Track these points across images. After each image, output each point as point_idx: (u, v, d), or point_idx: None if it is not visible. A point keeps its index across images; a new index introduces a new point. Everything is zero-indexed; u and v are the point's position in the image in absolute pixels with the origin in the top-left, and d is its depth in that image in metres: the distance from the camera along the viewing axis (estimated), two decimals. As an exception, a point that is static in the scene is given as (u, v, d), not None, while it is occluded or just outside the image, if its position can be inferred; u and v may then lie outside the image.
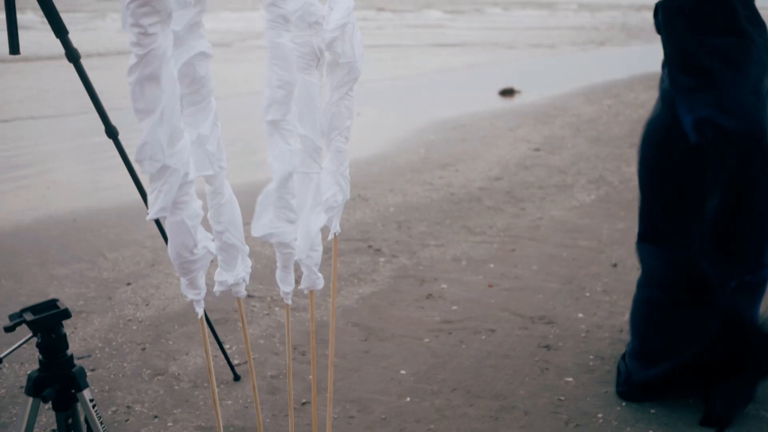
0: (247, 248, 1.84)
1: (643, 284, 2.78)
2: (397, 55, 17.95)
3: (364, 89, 10.60)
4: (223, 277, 1.81)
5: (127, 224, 4.83)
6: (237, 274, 1.82)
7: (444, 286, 3.86)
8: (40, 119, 8.58)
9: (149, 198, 1.55)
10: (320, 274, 2.02)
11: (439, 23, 34.55)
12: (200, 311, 1.74)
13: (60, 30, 2.43)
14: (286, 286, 1.95)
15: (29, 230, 4.80)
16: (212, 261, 1.78)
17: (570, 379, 2.89)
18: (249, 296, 3.68)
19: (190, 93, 1.62)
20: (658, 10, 2.39)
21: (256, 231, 1.85)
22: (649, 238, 2.71)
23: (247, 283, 1.86)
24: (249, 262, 1.86)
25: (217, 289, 1.83)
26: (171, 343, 3.23)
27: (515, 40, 25.64)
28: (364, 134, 7.88)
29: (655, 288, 2.72)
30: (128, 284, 3.88)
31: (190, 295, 1.70)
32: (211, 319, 3.26)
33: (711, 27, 2.24)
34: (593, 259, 4.24)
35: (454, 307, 3.58)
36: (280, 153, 1.79)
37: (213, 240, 1.78)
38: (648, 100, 10.49)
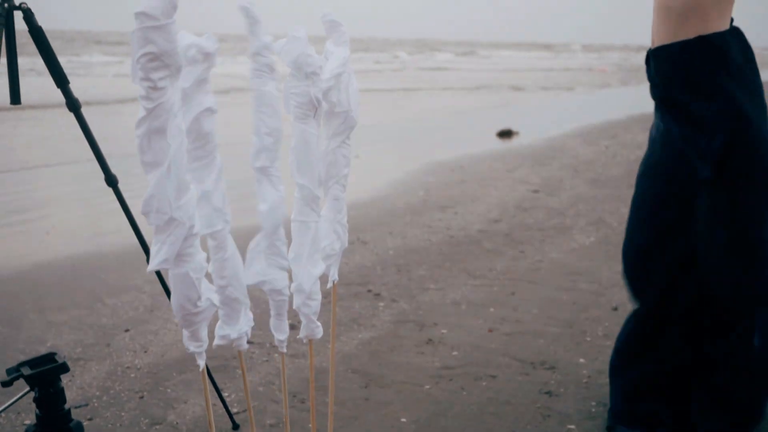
0: (248, 302, 1.84)
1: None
2: (395, 98, 18.10)
3: (362, 131, 10.66)
4: (225, 331, 1.81)
5: (126, 269, 4.82)
6: (240, 328, 1.81)
7: (444, 330, 3.83)
8: (41, 166, 8.61)
9: (152, 249, 1.55)
10: (319, 323, 2.01)
11: (442, 65, 34.88)
12: (202, 363, 1.73)
13: (61, 80, 2.45)
14: (280, 334, 1.94)
15: (28, 275, 4.79)
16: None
17: (572, 426, 2.86)
18: (248, 342, 3.65)
19: (195, 148, 1.63)
20: (649, 58, 2.40)
21: (248, 278, 1.85)
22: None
23: (249, 336, 1.85)
24: (251, 316, 1.86)
25: (217, 343, 1.82)
26: (169, 391, 3.20)
27: (519, 82, 25.86)
28: (363, 176, 7.91)
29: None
30: (127, 330, 3.86)
31: (192, 347, 1.70)
32: (210, 366, 3.24)
33: (701, 83, 2.25)
34: (594, 303, 4.22)
35: (455, 353, 3.56)
36: (270, 200, 1.80)
37: (216, 294, 1.77)
38: (645, 140, 10.53)
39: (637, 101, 15.51)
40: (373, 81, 22.47)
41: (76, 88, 2.52)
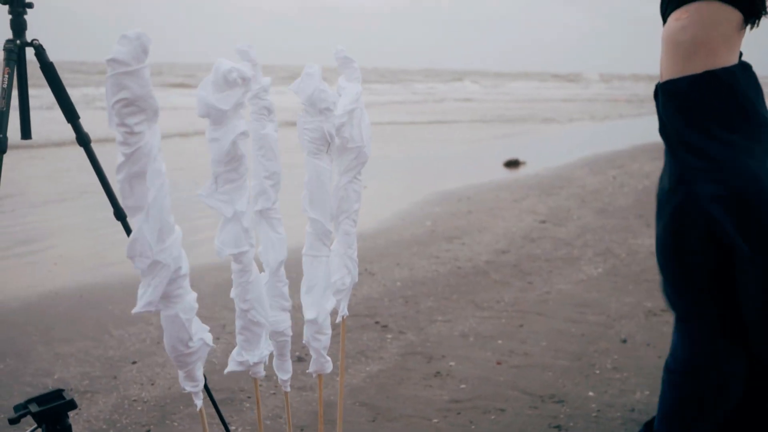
0: (269, 327, 1.84)
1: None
2: (404, 131, 18.18)
3: (370, 162, 10.69)
4: (244, 357, 1.80)
5: (133, 301, 4.77)
6: (260, 353, 1.81)
7: (452, 363, 3.81)
8: (50, 198, 8.65)
9: (139, 291, 1.56)
10: (329, 358, 2.01)
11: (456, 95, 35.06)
12: (199, 403, 1.72)
13: (71, 115, 2.47)
14: (283, 374, 1.94)
15: (35, 306, 4.79)
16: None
17: (582, 461, 2.83)
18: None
19: (227, 171, 1.65)
20: (658, 92, 2.40)
21: None
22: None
23: (266, 363, 1.85)
24: (270, 342, 1.86)
25: (233, 369, 1.81)
26: (176, 424, 3.18)
27: (526, 112, 25.95)
28: (371, 207, 7.92)
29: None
30: (134, 363, 3.85)
31: (188, 387, 1.69)
32: (216, 399, 3.22)
33: (711, 118, 2.24)
34: (602, 335, 4.20)
35: (463, 386, 3.53)
36: (270, 242, 1.81)
37: (236, 318, 1.77)
38: (652, 170, 10.55)
39: (647, 131, 15.56)
40: (382, 114, 22.62)
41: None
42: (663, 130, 2.39)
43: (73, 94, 2.60)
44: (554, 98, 37.56)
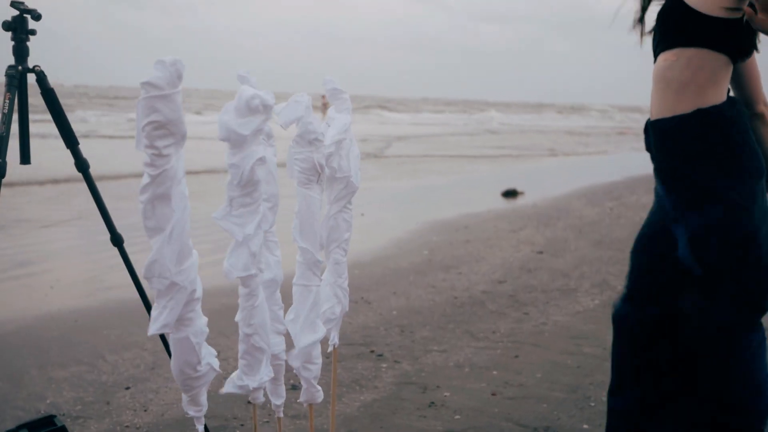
0: (270, 353, 1.84)
1: None
2: (399, 162, 18.26)
3: (368, 191, 10.73)
4: (244, 381, 1.80)
5: (129, 325, 4.81)
6: (261, 378, 1.81)
7: (447, 393, 3.80)
8: (47, 222, 8.66)
9: (153, 312, 1.56)
10: (319, 387, 2.01)
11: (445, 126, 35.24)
12: (201, 428, 1.72)
13: (71, 140, 2.49)
14: (276, 399, 1.94)
15: (30, 330, 4.78)
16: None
17: (575, 495, 2.81)
18: (248, 402, 3.62)
19: (242, 195, 1.66)
20: (648, 129, 2.44)
21: None
22: None
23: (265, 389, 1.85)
24: (271, 368, 1.86)
25: (230, 391, 1.81)
26: (168, 451, 3.17)
27: (526, 142, 26.07)
28: (368, 235, 7.93)
29: None
30: (127, 388, 3.83)
31: (192, 411, 1.69)
32: (209, 426, 3.21)
33: (701, 155, 2.28)
34: (598, 367, 4.19)
35: (457, 417, 3.52)
36: (267, 264, 1.82)
37: (239, 342, 1.77)
38: (649, 202, 10.56)
39: (645, 162, 15.59)
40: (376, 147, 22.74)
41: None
42: (654, 165, 2.45)
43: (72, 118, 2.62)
44: (558, 129, 37.75)
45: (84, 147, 2.61)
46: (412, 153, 20.52)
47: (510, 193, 11.77)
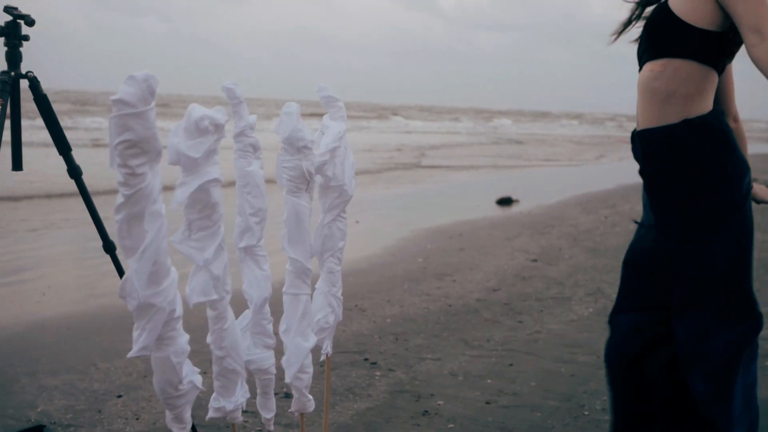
0: (245, 374, 1.83)
1: None
2: (393, 172, 18.27)
3: (363, 198, 10.73)
4: (221, 403, 1.79)
5: (121, 333, 4.78)
6: (236, 400, 1.80)
7: (440, 402, 3.79)
8: (39, 227, 8.64)
9: (134, 334, 1.55)
10: (311, 397, 1.99)
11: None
12: (187, 446, 1.70)
13: (63, 147, 2.48)
14: (267, 413, 1.92)
15: (22, 337, 4.75)
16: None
17: (569, 505, 2.80)
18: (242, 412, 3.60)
19: (200, 218, 1.63)
20: (635, 138, 2.45)
21: None
22: None
23: (244, 408, 1.83)
24: (246, 387, 1.84)
25: (212, 416, 1.80)
26: (159, 460, 3.15)
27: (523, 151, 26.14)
28: (362, 242, 7.91)
29: None
30: (119, 396, 3.81)
31: (175, 429, 1.68)
32: (202, 435, 3.19)
33: (687, 164, 2.30)
34: (592, 375, 4.18)
35: (451, 425, 3.50)
36: (255, 279, 1.80)
37: (213, 364, 1.76)
38: (644, 211, 10.57)
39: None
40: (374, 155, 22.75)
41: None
42: (641, 174, 2.47)
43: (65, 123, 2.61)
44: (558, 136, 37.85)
45: (77, 154, 2.60)
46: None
47: (505, 201, 11.77)
